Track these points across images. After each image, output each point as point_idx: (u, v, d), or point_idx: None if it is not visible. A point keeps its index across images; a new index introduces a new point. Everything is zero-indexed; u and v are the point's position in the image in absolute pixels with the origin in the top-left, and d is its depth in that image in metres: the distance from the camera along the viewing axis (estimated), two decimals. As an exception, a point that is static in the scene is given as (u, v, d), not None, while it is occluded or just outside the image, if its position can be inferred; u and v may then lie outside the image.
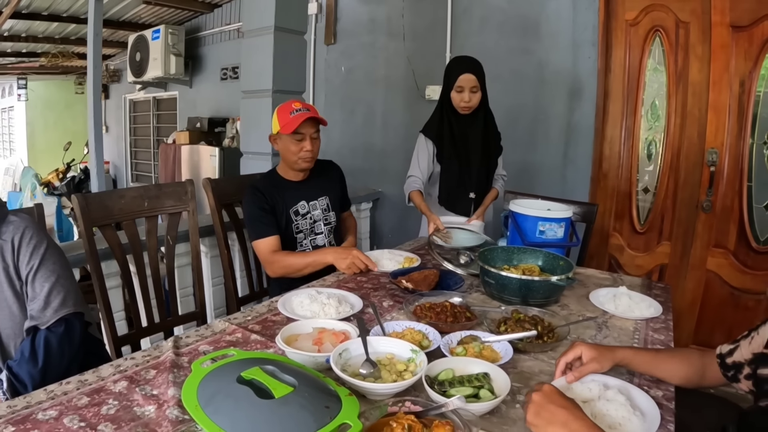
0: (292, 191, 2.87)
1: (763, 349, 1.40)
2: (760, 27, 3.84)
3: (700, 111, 4.06)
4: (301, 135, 2.71)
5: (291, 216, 2.84)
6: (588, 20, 4.30)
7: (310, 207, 2.90)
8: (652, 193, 4.30)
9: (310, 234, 2.92)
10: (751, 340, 1.45)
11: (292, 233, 2.86)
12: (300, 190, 2.89)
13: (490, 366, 1.46)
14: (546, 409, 1.17)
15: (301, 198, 2.88)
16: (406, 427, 1.11)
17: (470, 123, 3.29)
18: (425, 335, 1.70)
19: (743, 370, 1.45)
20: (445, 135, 3.30)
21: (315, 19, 5.86)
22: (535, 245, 2.59)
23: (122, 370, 1.51)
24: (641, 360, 1.55)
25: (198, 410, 1.06)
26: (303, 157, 2.77)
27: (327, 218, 2.97)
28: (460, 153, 3.30)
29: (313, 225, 2.92)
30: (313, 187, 2.95)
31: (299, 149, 2.74)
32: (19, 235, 1.78)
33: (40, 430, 1.20)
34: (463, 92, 3.15)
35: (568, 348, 1.54)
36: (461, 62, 3.26)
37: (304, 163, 2.80)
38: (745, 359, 1.45)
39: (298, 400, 1.07)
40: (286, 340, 1.61)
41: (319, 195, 2.96)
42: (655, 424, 1.28)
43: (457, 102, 3.19)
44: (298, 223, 2.86)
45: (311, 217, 2.90)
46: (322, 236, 2.95)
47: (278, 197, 2.81)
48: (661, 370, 1.55)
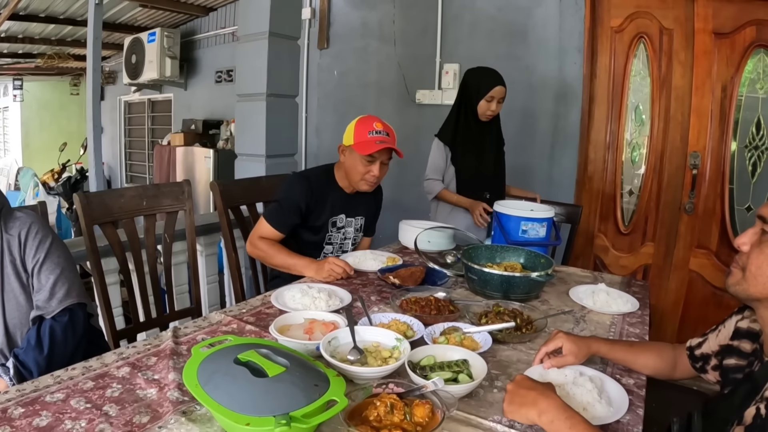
0: (338, 200, 2.81)
1: (728, 340, 1.51)
2: (742, 34, 3.96)
3: (682, 115, 4.18)
4: (373, 158, 2.63)
5: (328, 225, 2.81)
6: (574, 27, 4.42)
7: (347, 222, 2.88)
8: (636, 195, 4.42)
9: (338, 250, 2.90)
10: (718, 333, 1.56)
11: (322, 242, 2.84)
12: (345, 202, 2.84)
13: (468, 353, 1.56)
14: (518, 394, 1.28)
15: (343, 210, 2.84)
16: (389, 405, 1.21)
17: (486, 130, 3.48)
18: (410, 326, 1.81)
19: (710, 362, 1.56)
20: (459, 140, 3.45)
21: (308, 23, 5.93)
22: (518, 244, 2.70)
23: (125, 357, 1.60)
24: (616, 352, 1.67)
25: (198, 388, 1.16)
26: (367, 180, 2.69)
27: (356, 238, 2.97)
28: (476, 157, 3.47)
29: (344, 241, 2.91)
30: (357, 203, 2.90)
31: (366, 171, 2.65)
32: (25, 230, 1.87)
33: (49, 410, 1.29)
34: (492, 102, 3.36)
35: (549, 337, 1.65)
36: (492, 74, 3.43)
37: (365, 186, 2.73)
38: (713, 351, 1.56)
39: (290, 378, 1.18)
40: (279, 329, 1.71)
41: (359, 213, 2.93)
42: (622, 411, 1.39)
43: (484, 110, 3.38)
44: (332, 235, 2.85)
45: (344, 233, 2.89)
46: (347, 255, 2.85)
47: (324, 200, 2.77)
48: (634, 362, 1.67)
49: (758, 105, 3.99)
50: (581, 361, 1.60)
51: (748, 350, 1.43)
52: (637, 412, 1.44)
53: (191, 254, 2.89)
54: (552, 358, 1.60)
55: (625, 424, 1.38)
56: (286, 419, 1.06)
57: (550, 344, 1.61)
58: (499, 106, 3.41)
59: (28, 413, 1.28)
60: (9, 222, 1.88)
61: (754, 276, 1.26)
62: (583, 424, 1.18)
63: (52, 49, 9.29)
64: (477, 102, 3.37)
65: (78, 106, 12.06)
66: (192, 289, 2.93)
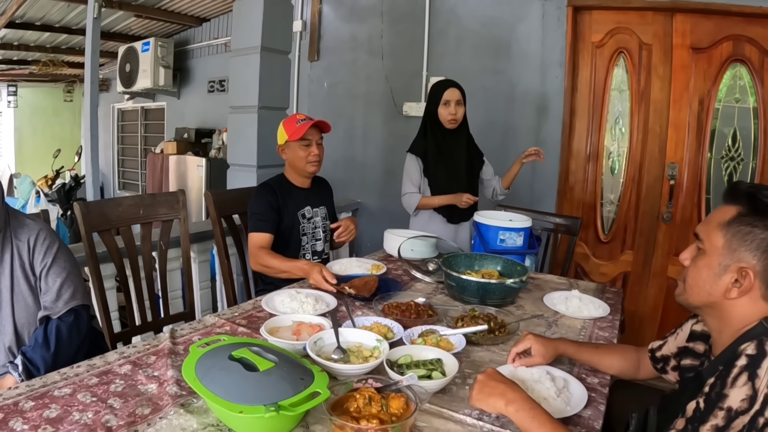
0: (300, 196, 3.08)
1: (685, 343, 1.65)
2: (719, 49, 4.11)
3: (660, 128, 4.32)
4: (308, 141, 2.96)
5: (299, 218, 3.04)
6: (556, 42, 4.55)
7: (313, 213, 3.11)
8: (615, 205, 4.55)
9: (312, 239, 3.11)
10: (676, 336, 1.70)
11: (298, 235, 3.05)
12: (305, 196, 3.11)
13: (442, 353, 1.70)
14: (487, 384, 1.42)
15: (307, 203, 3.09)
16: (367, 398, 1.34)
17: (455, 139, 3.55)
18: (390, 329, 1.95)
19: (670, 363, 1.71)
20: (430, 151, 3.54)
21: (299, 36, 6.02)
22: (496, 252, 2.83)
23: (126, 356, 1.73)
24: (582, 353, 1.82)
25: (196, 381, 1.29)
26: (311, 161, 2.99)
27: (325, 226, 3.17)
28: (448, 166, 3.54)
29: (315, 230, 3.11)
30: (316, 195, 3.17)
31: (307, 154, 2.97)
32: (34, 236, 2.02)
33: (57, 404, 1.42)
34: (449, 105, 3.43)
35: (519, 339, 1.79)
36: (445, 81, 3.54)
37: (312, 167, 3.02)
38: (672, 353, 1.70)
39: (279, 372, 1.32)
40: (269, 331, 1.85)
41: (320, 204, 3.18)
42: (579, 407, 1.53)
43: (444, 116, 3.46)
44: (304, 226, 3.06)
45: (313, 222, 3.11)
46: (321, 242, 3.15)
47: (289, 198, 3.01)
48: (599, 363, 1.82)
49: (734, 117, 4.13)
50: (548, 362, 1.75)
51: (701, 351, 1.58)
52: (599, 408, 1.58)
53: (185, 261, 3.01)
54: (521, 358, 1.74)
55: (586, 418, 1.52)
56: (275, 407, 1.20)
57: (519, 345, 1.76)
58: (459, 109, 3.47)
59: (38, 406, 1.40)
60: (18, 228, 2.02)
61: (691, 287, 1.42)
62: (545, 415, 1.32)
63: (47, 56, 9.35)
64: (436, 110, 3.48)
65: (71, 112, 12.13)
66: (186, 295, 3.05)
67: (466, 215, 3.55)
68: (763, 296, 1.30)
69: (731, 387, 1.17)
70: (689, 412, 1.22)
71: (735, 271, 1.31)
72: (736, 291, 1.31)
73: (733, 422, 1.15)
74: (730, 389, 1.17)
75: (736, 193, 1.37)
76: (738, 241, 1.31)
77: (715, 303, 1.37)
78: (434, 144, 3.53)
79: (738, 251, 1.31)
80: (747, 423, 1.14)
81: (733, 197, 1.37)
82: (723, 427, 1.16)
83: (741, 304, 1.32)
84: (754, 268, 1.29)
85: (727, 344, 1.33)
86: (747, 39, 4.04)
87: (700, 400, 1.21)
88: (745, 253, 1.30)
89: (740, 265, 1.30)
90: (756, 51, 4.02)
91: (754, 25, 4.00)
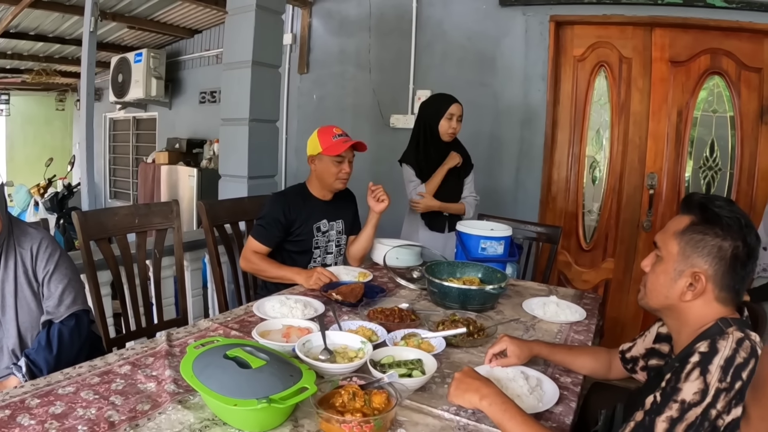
0: (318, 208, 3.12)
1: (652, 344, 1.77)
2: (697, 62, 4.26)
3: (640, 139, 4.46)
4: (342, 158, 2.99)
5: (313, 231, 3.09)
6: (539, 56, 4.68)
7: (329, 226, 3.16)
8: (596, 214, 4.69)
9: (324, 253, 3.18)
10: (644, 339, 1.82)
11: (311, 247, 3.11)
12: (324, 208, 3.14)
13: (422, 353, 1.82)
14: (464, 381, 1.53)
15: (324, 216, 3.13)
16: (352, 394, 1.46)
17: (446, 151, 3.63)
18: (374, 332, 2.06)
19: (639, 363, 1.83)
20: (422, 161, 3.61)
21: (290, 49, 6.12)
22: (477, 260, 2.95)
23: (125, 357, 1.84)
24: (556, 354, 1.95)
25: (193, 378, 1.41)
26: (341, 178, 3.03)
27: (339, 240, 3.23)
28: None
29: (328, 244, 3.17)
30: (335, 208, 3.19)
31: (339, 170, 3.00)
32: (36, 244, 2.14)
33: (62, 401, 1.52)
34: (452, 119, 3.53)
35: (496, 341, 1.91)
36: (447, 95, 3.63)
37: (340, 184, 3.07)
38: (640, 354, 1.82)
39: (270, 369, 1.43)
40: (261, 334, 1.96)
41: (338, 217, 3.21)
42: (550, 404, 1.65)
43: (445, 129, 3.54)
44: (318, 239, 3.11)
45: (328, 236, 3.16)
46: (332, 256, 3.22)
47: (304, 210, 3.06)
48: (572, 363, 1.94)
49: (712, 128, 4.28)
50: (523, 362, 1.86)
51: (666, 351, 1.69)
52: (570, 405, 1.69)
53: (179, 268, 3.11)
54: (498, 359, 1.86)
55: (557, 413, 1.64)
56: (267, 400, 1.31)
57: (496, 346, 1.88)
58: (459, 124, 3.58)
59: (44, 403, 1.49)
60: (21, 236, 2.14)
61: (650, 291, 1.53)
62: (516, 409, 1.43)
63: (40, 65, 9.40)
64: (437, 122, 3.54)
65: (63, 121, 12.15)
66: (179, 301, 3.15)
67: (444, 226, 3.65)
68: (716, 298, 1.41)
69: (685, 381, 1.27)
70: (647, 405, 1.32)
71: (689, 276, 1.42)
72: (690, 294, 1.42)
73: (686, 414, 1.25)
74: (683, 383, 1.27)
75: (689, 203, 1.49)
76: (691, 248, 1.42)
77: (673, 305, 1.47)
78: (426, 155, 3.61)
79: (691, 257, 1.42)
80: (700, 415, 1.25)
81: (688, 207, 1.48)
82: (677, 418, 1.25)
83: (696, 306, 1.43)
84: (706, 273, 1.40)
85: (687, 343, 1.43)
86: (724, 52, 4.20)
87: (657, 394, 1.31)
88: (697, 259, 1.41)
89: (693, 270, 1.41)
90: (733, 63, 4.17)
91: (731, 39, 4.16)
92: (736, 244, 1.39)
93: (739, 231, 1.40)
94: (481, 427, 1.51)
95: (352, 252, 3.26)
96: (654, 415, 1.29)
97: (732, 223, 1.40)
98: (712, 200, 1.44)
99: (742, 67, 4.17)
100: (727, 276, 1.40)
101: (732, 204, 1.44)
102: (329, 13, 5.98)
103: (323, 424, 1.39)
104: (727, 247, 1.39)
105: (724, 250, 1.39)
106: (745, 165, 4.20)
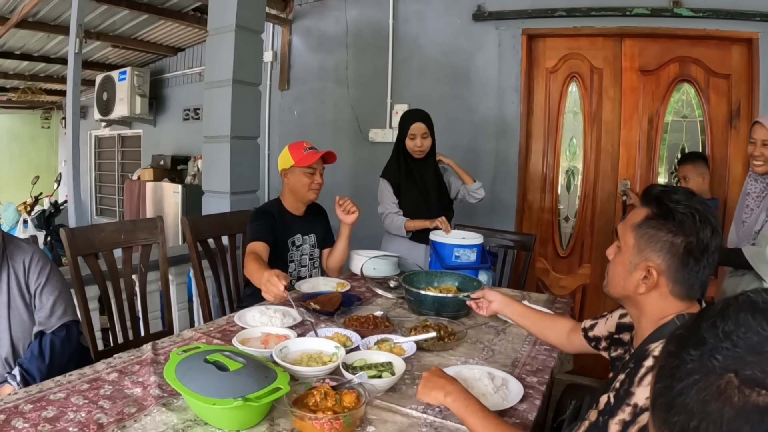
0: (292, 222, 3.24)
1: (615, 333, 1.83)
2: (666, 70, 4.41)
3: (612, 147, 4.60)
4: (314, 169, 3.13)
5: (288, 245, 3.20)
6: (512, 69, 4.81)
7: (303, 240, 3.27)
8: (572, 221, 4.81)
9: (298, 266, 3.28)
10: (606, 321, 1.89)
11: (285, 261, 3.20)
12: (298, 223, 3.27)
13: (392, 356, 1.94)
14: (430, 380, 1.65)
15: (298, 230, 3.25)
16: (323, 394, 1.58)
17: (424, 165, 3.75)
18: (349, 338, 2.18)
19: (602, 343, 1.89)
20: (402, 176, 3.74)
21: (270, 66, 6.23)
22: (451, 268, 3.07)
23: (113, 365, 1.95)
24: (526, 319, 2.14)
25: (176, 381, 1.52)
26: (314, 189, 3.17)
27: (312, 254, 3.33)
28: (420, 189, 3.74)
29: (302, 257, 3.28)
30: (308, 222, 3.32)
31: (311, 181, 3.14)
32: (29, 258, 2.27)
33: (54, 406, 1.62)
34: (415, 139, 3.63)
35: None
36: (413, 114, 3.74)
37: (313, 194, 3.19)
38: (603, 335, 1.89)
39: (247, 372, 1.55)
40: (240, 341, 2.07)
41: (311, 231, 3.33)
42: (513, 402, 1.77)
43: (411, 147, 3.66)
44: (293, 253, 3.23)
45: (302, 250, 3.27)
46: (306, 269, 3.32)
47: (280, 225, 3.15)
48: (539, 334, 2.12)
49: (683, 134, 4.44)
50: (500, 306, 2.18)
51: (626, 341, 1.76)
52: (534, 403, 1.82)
53: (164, 283, 3.22)
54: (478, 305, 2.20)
55: (521, 411, 1.75)
56: (243, 399, 1.43)
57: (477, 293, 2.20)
58: (425, 141, 3.64)
59: (37, 408, 1.60)
60: (14, 251, 2.27)
61: (610, 281, 1.59)
62: (478, 405, 1.54)
63: (25, 84, 9.50)
64: (404, 141, 3.68)
65: (48, 138, 12.21)
66: (165, 315, 3.24)
67: None
68: (671, 292, 1.44)
69: (638, 385, 1.29)
70: (601, 405, 1.37)
71: (643, 269, 1.44)
72: (644, 287, 1.45)
73: (638, 417, 1.27)
74: (636, 387, 1.29)
75: (647, 196, 1.50)
76: (645, 242, 1.45)
77: (629, 297, 1.52)
78: (406, 169, 3.72)
79: (645, 251, 1.44)
80: None
81: (646, 200, 1.50)
82: (629, 421, 1.28)
83: (652, 299, 1.47)
84: (659, 267, 1.42)
85: (646, 335, 1.48)
86: (693, 60, 4.34)
87: (610, 395, 1.35)
88: (651, 254, 1.43)
89: (647, 264, 1.44)
90: (701, 71, 4.32)
91: (699, 47, 4.31)
92: (689, 239, 1.39)
93: (693, 226, 1.39)
94: (447, 424, 1.62)
95: (329, 264, 3.37)
96: (607, 416, 1.32)
97: (685, 219, 1.39)
98: (669, 193, 1.44)
99: (711, 73, 4.31)
100: (681, 271, 1.41)
101: (691, 197, 1.43)
102: (308, 31, 6.09)
103: (297, 422, 1.50)
104: (680, 242, 1.39)
105: (677, 245, 1.40)
106: (716, 168, 4.32)
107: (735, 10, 4.04)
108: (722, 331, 0.69)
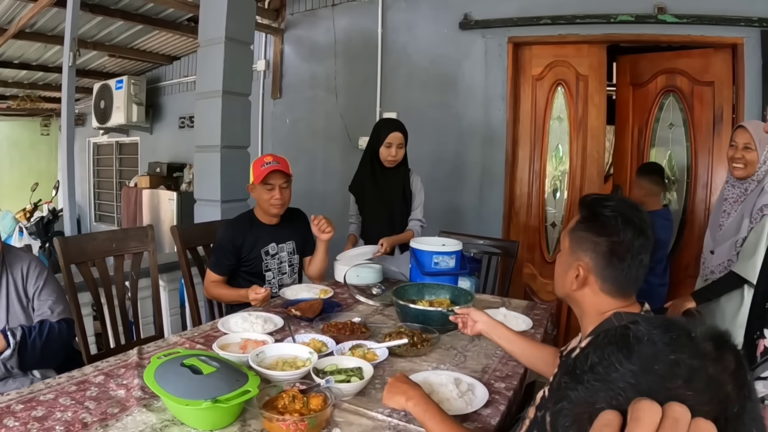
0: (264, 233, 3.27)
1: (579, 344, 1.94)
2: (654, 83, 4.53)
3: (598, 153, 4.70)
4: (271, 185, 3.11)
5: (262, 255, 3.24)
6: (498, 77, 4.91)
7: (278, 249, 3.30)
8: (559, 227, 4.90)
9: (278, 274, 3.34)
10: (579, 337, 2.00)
11: (261, 271, 3.26)
12: (271, 232, 3.29)
13: (361, 362, 2.04)
14: (394, 385, 1.75)
15: (271, 240, 3.28)
16: (292, 397, 1.68)
17: (393, 175, 3.78)
18: (324, 343, 2.28)
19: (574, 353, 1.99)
20: (367, 185, 3.79)
21: (263, 75, 6.35)
22: (431, 274, 3.14)
23: (100, 368, 2.06)
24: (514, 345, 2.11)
25: (154, 383, 1.63)
26: (273, 204, 3.15)
27: (291, 260, 3.39)
28: (384, 199, 3.78)
29: (281, 265, 3.34)
30: (283, 231, 3.34)
31: (270, 197, 3.13)
32: (26, 265, 2.41)
33: (43, 406, 1.73)
34: (391, 147, 3.65)
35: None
36: (390, 122, 3.79)
37: (274, 209, 3.18)
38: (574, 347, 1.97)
39: (219, 375, 1.66)
40: (221, 346, 2.18)
41: (287, 239, 3.35)
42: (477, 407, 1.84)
43: (385, 156, 3.67)
44: (268, 262, 3.28)
45: (279, 258, 3.33)
46: (287, 275, 3.37)
47: (252, 236, 3.21)
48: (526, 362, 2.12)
49: (669, 142, 4.57)
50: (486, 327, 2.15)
51: None
52: (499, 408, 1.89)
53: (154, 289, 3.32)
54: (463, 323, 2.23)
55: (485, 415, 1.83)
56: (213, 400, 1.54)
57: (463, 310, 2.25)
58: (400, 151, 3.67)
59: (27, 408, 1.71)
60: (12, 259, 2.41)
61: (555, 281, 1.71)
62: (437, 409, 1.63)
63: (25, 92, 9.63)
64: (378, 149, 3.69)
65: (48, 145, 12.31)
66: (156, 320, 3.34)
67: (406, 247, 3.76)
68: (601, 289, 1.55)
69: None
70: (537, 400, 1.46)
71: (575, 269, 1.57)
72: (576, 284, 1.57)
73: None
74: None
75: (581, 203, 1.63)
76: (576, 244, 1.58)
77: (569, 295, 1.63)
78: (373, 176, 3.80)
79: (576, 252, 1.58)
80: None
81: (579, 207, 1.63)
82: None
83: (586, 296, 1.57)
84: (587, 266, 1.54)
85: (588, 332, 1.59)
86: (679, 71, 4.47)
87: (545, 390, 1.45)
88: (581, 253, 1.56)
89: (578, 263, 1.56)
90: (686, 80, 4.44)
91: (684, 57, 4.44)
92: (611, 240, 1.50)
93: (615, 227, 1.49)
94: (410, 428, 1.71)
95: (310, 273, 3.46)
96: (543, 411, 1.37)
97: (608, 221, 1.50)
98: (600, 200, 1.56)
99: (695, 82, 4.42)
100: (607, 269, 1.52)
101: (622, 202, 1.54)
102: (300, 40, 6.20)
103: (266, 423, 1.61)
104: (603, 243, 1.51)
105: (600, 245, 1.51)
106: (699, 175, 4.44)
107: (719, 16, 4.10)
108: (590, 363, 0.73)
